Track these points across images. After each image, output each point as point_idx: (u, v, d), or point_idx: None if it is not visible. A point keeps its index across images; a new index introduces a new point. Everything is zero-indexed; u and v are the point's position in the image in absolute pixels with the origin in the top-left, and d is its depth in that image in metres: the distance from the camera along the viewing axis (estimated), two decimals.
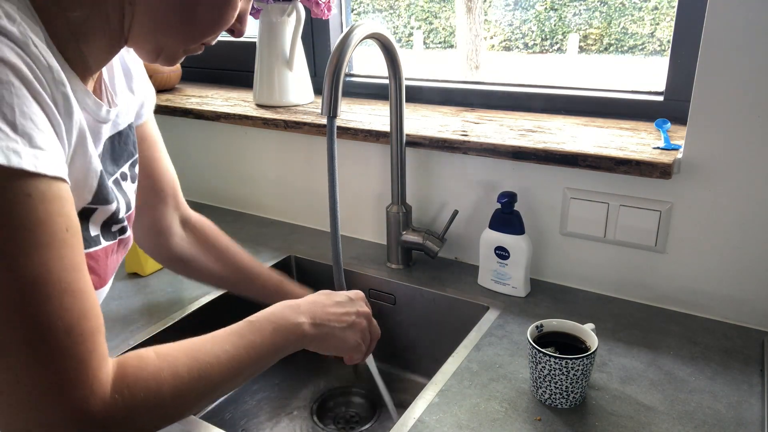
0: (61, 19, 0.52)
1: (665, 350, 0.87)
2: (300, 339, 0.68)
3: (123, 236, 0.67)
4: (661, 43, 4.95)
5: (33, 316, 0.44)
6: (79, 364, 0.45)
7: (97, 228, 0.62)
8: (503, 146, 0.99)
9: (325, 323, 0.71)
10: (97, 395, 0.46)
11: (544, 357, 0.73)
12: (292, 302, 0.70)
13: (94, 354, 0.47)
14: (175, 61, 0.63)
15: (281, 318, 0.66)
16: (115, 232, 0.65)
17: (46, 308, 0.44)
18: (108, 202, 0.61)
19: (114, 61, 0.69)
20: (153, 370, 0.52)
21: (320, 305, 0.72)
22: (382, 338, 1.15)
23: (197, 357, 0.56)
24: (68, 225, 0.47)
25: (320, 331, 0.70)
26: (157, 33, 0.57)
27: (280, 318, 0.66)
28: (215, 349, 0.58)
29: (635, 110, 1.09)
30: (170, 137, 1.46)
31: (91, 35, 0.55)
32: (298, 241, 1.26)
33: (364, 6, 1.57)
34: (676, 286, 0.96)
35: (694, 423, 0.72)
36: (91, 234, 0.60)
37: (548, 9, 3.60)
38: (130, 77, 0.73)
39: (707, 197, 0.90)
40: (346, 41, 0.84)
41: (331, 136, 0.81)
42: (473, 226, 1.11)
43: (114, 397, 0.47)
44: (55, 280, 0.45)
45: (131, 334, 0.94)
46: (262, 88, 1.32)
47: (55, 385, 0.44)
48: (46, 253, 0.44)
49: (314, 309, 0.71)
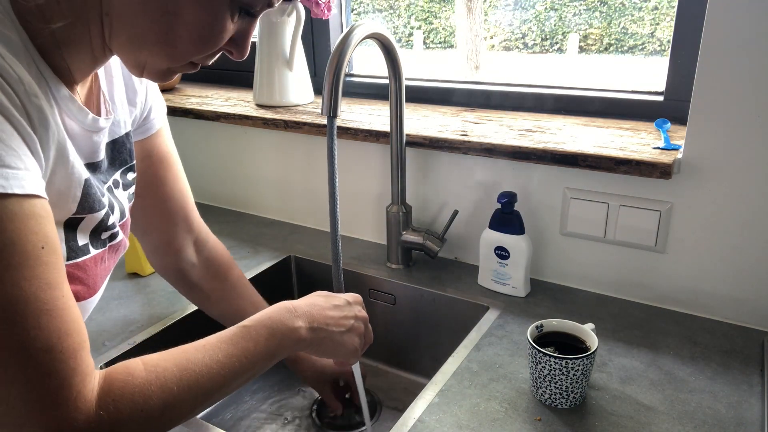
0: (45, 29, 0.51)
1: (665, 350, 0.87)
2: (296, 344, 0.66)
3: (113, 242, 0.66)
4: (661, 43, 4.96)
5: (10, 337, 0.43)
6: (62, 382, 0.45)
7: (86, 237, 0.61)
8: (503, 146, 0.99)
9: (323, 327, 0.69)
10: (81, 412, 0.46)
11: (544, 357, 0.73)
12: (289, 304, 0.68)
13: (77, 371, 0.47)
14: (165, 78, 0.59)
15: (277, 322, 0.64)
16: (104, 239, 0.64)
17: (23, 328, 0.44)
18: (95, 210, 0.60)
19: (115, 72, 0.68)
20: (140, 383, 0.51)
21: (318, 308, 0.70)
22: (382, 338, 1.15)
23: (187, 367, 0.54)
24: (44, 242, 0.46)
25: (317, 335, 0.68)
26: (136, 49, 0.55)
27: (277, 322, 0.64)
28: (206, 358, 0.56)
29: (635, 110, 1.09)
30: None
31: (74, 45, 0.54)
32: (298, 241, 1.26)
33: (364, 6, 1.56)
34: (676, 286, 0.96)
35: (694, 423, 0.72)
36: (79, 243, 0.60)
37: (548, 9, 3.60)
38: (132, 90, 0.72)
39: (707, 197, 0.90)
40: (346, 41, 0.84)
41: (331, 136, 0.81)
42: (473, 226, 1.11)
43: (99, 414, 0.47)
44: (31, 300, 0.44)
45: (131, 333, 0.94)
46: (262, 88, 1.32)
47: (37, 404, 0.44)
48: (18, 273, 0.44)
49: (312, 312, 0.69)
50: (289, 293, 1.23)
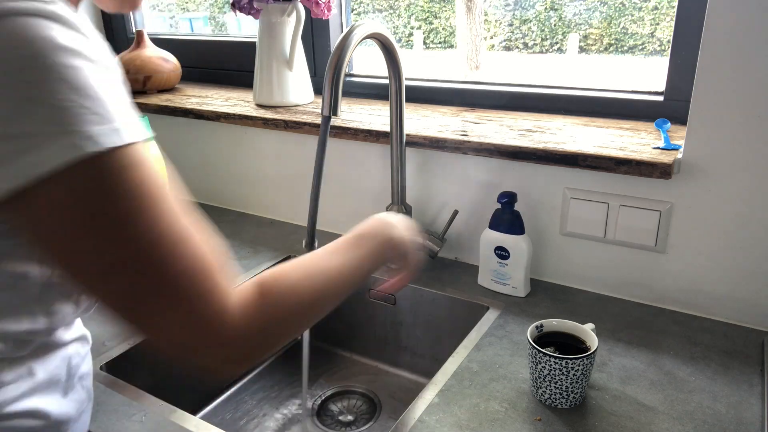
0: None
1: (665, 350, 0.87)
2: (394, 250, 0.72)
3: None
4: (661, 43, 4.95)
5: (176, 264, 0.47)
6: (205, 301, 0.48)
7: None
8: (503, 146, 0.99)
9: (407, 242, 0.75)
10: (228, 326, 0.49)
11: (544, 357, 0.73)
12: (385, 217, 0.74)
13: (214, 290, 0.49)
14: None
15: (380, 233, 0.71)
16: None
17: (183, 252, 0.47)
18: None
19: None
20: (291, 282, 0.56)
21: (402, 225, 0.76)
22: (382, 338, 1.15)
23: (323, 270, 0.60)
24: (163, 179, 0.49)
25: (405, 248, 0.74)
26: None
27: (380, 233, 0.71)
28: (334, 262, 0.62)
29: (635, 110, 1.09)
30: (170, 137, 1.46)
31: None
32: (298, 241, 1.26)
33: (364, 6, 1.57)
34: (676, 286, 0.96)
35: (694, 423, 0.72)
36: None
37: (548, 9, 3.60)
38: None
39: (707, 197, 0.90)
40: (346, 41, 0.84)
41: (324, 136, 0.81)
42: (473, 226, 1.11)
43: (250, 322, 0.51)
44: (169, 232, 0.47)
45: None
46: (262, 88, 1.32)
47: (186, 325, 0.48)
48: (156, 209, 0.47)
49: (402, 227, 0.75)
50: None
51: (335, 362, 1.15)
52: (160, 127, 1.09)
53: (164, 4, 2.14)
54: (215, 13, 2.24)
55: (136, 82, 1.49)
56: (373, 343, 1.16)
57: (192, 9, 2.37)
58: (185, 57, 1.60)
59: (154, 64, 1.50)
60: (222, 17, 2.12)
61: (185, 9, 2.24)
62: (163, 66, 1.51)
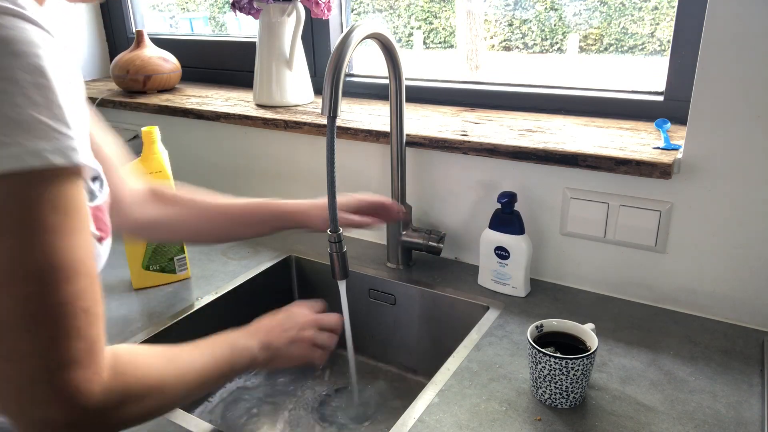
0: None
1: (665, 350, 0.87)
2: (251, 362, 0.70)
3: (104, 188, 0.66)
4: (661, 43, 4.94)
5: (59, 294, 0.45)
6: (92, 345, 0.47)
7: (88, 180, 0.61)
8: (503, 146, 0.99)
9: (273, 342, 0.73)
10: (101, 377, 0.47)
11: (544, 357, 0.73)
12: (243, 329, 0.73)
13: (101, 338, 0.48)
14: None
15: (234, 342, 0.69)
16: (102, 182, 0.64)
17: (72, 288, 0.45)
18: None
19: None
20: (143, 360, 0.54)
21: (265, 328, 0.75)
22: (382, 338, 1.15)
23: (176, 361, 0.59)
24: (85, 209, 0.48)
25: (269, 354, 0.73)
26: None
27: (234, 342, 0.69)
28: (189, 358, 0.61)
29: (635, 110, 1.09)
30: (170, 137, 1.46)
31: None
32: (298, 241, 1.26)
33: (364, 6, 1.57)
34: (676, 286, 0.96)
35: (694, 423, 0.72)
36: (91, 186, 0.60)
37: (548, 9, 3.59)
38: None
39: (707, 197, 0.90)
40: (346, 41, 0.84)
41: (332, 136, 0.81)
42: (473, 226, 1.11)
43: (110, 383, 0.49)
44: (81, 262, 0.46)
45: (131, 334, 0.94)
46: (262, 88, 1.32)
47: (65, 361, 0.45)
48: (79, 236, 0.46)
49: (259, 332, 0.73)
50: (289, 293, 1.23)
51: (335, 361, 1.15)
52: (160, 127, 1.09)
53: (164, 4, 2.14)
54: (215, 13, 2.24)
55: (136, 82, 1.49)
56: (373, 342, 1.16)
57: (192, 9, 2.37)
58: (185, 57, 1.60)
59: (154, 64, 1.50)
60: (222, 17, 2.12)
61: (185, 9, 2.24)
62: (163, 66, 1.51)
